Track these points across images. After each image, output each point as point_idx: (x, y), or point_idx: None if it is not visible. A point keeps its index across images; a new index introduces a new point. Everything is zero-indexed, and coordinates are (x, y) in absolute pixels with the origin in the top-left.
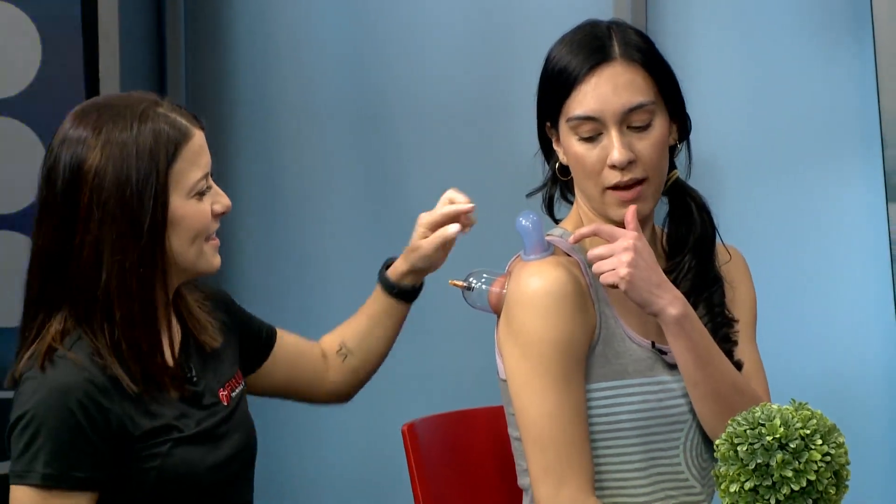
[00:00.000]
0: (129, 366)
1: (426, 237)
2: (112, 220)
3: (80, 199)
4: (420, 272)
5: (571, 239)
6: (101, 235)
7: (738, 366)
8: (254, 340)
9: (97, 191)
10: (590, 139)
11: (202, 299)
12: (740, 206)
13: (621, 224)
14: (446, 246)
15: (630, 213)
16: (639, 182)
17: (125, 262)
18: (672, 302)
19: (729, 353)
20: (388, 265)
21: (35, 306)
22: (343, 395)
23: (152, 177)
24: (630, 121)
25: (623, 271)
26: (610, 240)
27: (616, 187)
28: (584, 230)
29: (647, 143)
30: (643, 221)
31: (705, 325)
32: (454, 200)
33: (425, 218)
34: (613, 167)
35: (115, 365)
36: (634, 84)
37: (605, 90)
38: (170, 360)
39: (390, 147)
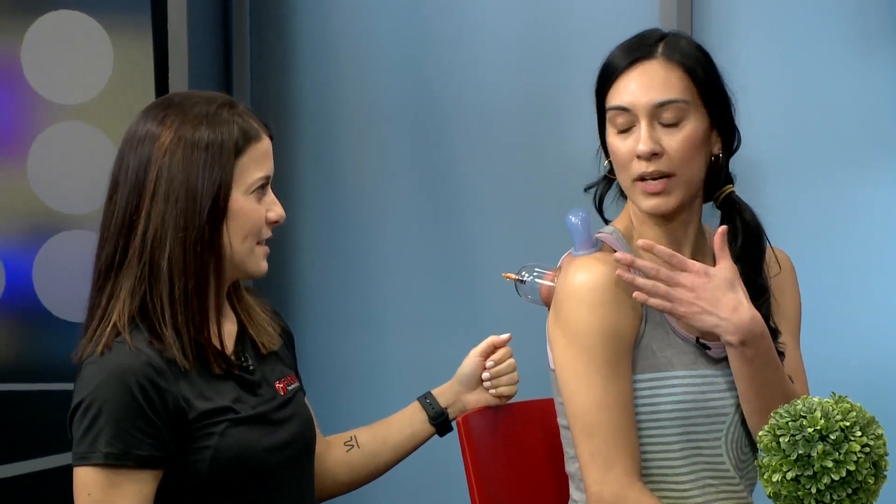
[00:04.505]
0: (182, 340)
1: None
2: (177, 198)
3: (150, 175)
4: (457, 402)
5: (641, 244)
6: (166, 210)
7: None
8: None
9: (166, 168)
10: (624, 131)
11: (263, 305)
12: (781, 207)
13: (664, 224)
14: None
15: (718, 236)
16: (664, 176)
17: (186, 238)
18: (731, 332)
19: None
20: (427, 397)
21: (103, 279)
22: (329, 487)
23: (218, 164)
24: (661, 116)
25: (681, 309)
26: (680, 267)
27: (642, 178)
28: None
29: (676, 140)
30: (685, 224)
31: None
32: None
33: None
34: (639, 157)
35: (172, 342)
36: (669, 82)
37: (639, 84)
38: (217, 345)
39: (446, 148)
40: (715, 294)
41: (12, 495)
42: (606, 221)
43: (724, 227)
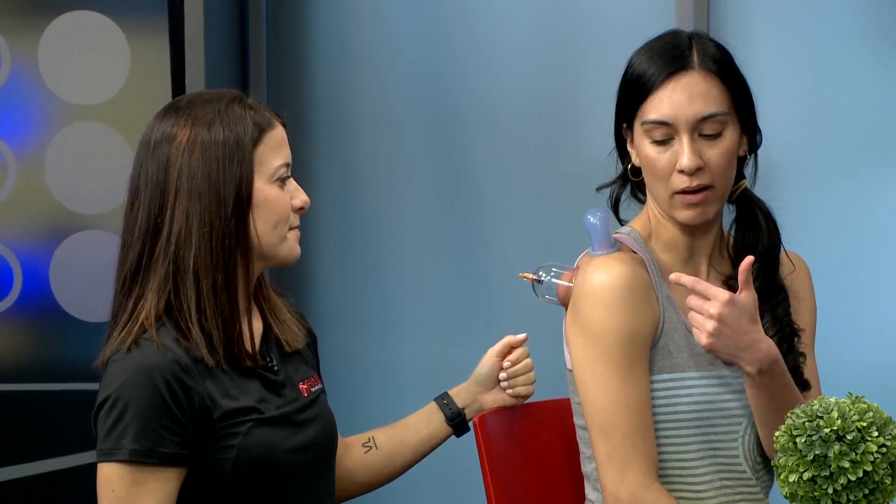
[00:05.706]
0: (211, 337)
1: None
2: (200, 194)
3: (171, 175)
4: (474, 402)
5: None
6: (189, 207)
7: (807, 385)
8: None
9: (186, 166)
10: (662, 143)
11: (290, 306)
12: (797, 208)
13: (685, 226)
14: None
15: (744, 265)
16: (705, 188)
17: (212, 233)
18: (751, 362)
19: (796, 367)
20: (444, 398)
21: (129, 283)
22: (348, 488)
23: (237, 155)
24: (702, 129)
25: (704, 339)
26: (704, 295)
27: (683, 192)
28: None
29: (717, 152)
30: (708, 227)
31: (772, 337)
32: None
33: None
34: (682, 172)
35: (200, 340)
36: (709, 94)
37: (680, 97)
38: (248, 345)
39: (462, 149)
40: (739, 323)
41: (30, 495)
42: (622, 222)
43: (750, 258)
